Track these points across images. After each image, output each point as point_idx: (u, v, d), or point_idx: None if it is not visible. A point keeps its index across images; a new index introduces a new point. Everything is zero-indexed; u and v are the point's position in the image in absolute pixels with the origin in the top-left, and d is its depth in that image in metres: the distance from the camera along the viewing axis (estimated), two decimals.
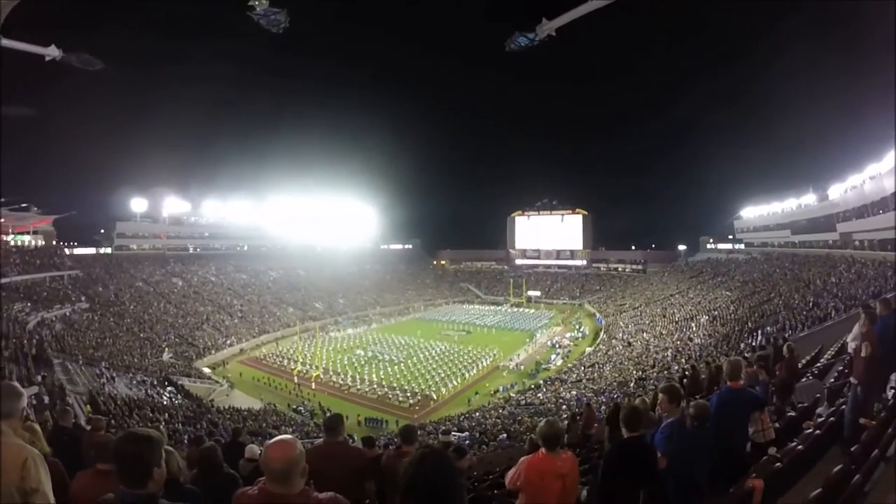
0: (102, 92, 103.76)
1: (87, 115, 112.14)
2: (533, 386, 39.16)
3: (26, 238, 58.34)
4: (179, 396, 32.00)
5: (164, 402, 29.34)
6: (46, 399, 21.11)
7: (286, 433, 23.08)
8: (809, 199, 60.36)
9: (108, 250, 67.76)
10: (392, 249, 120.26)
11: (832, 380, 10.40)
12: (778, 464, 4.54)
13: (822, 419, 6.28)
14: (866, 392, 5.65)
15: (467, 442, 20.13)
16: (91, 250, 66.47)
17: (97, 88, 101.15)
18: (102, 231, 72.25)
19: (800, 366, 12.49)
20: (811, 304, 34.75)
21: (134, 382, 32.75)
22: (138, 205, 71.87)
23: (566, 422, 12.84)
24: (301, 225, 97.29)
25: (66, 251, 60.66)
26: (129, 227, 71.79)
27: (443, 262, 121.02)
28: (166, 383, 34.27)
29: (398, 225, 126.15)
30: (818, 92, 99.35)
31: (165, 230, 76.75)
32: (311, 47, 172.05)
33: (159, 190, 74.90)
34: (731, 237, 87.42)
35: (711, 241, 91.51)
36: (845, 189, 49.63)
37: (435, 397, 36.96)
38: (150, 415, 23.96)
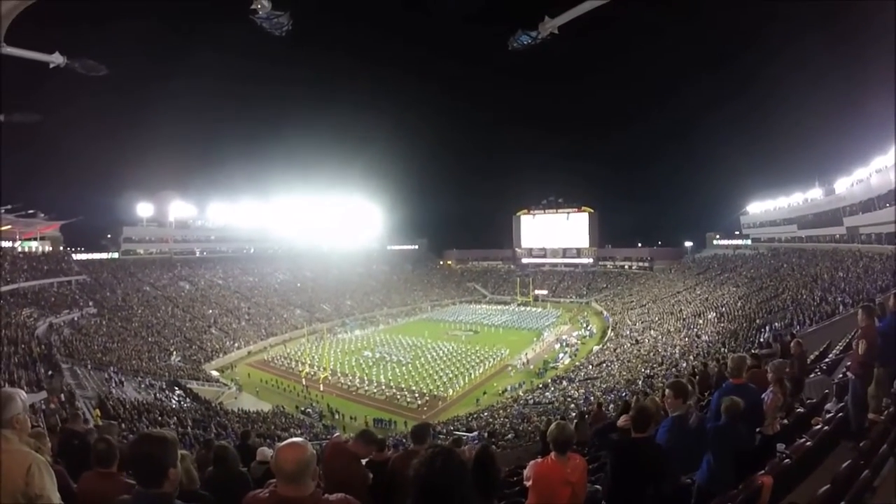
0: (106, 95, 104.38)
1: (92, 119, 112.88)
2: (541, 385, 39.13)
3: (33, 244, 58.57)
4: (188, 399, 32.13)
5: (173, 406, 29.46)
6: (55, 404, 21.25)
7: (295, 435, 23.25)
8: (815, 193, 60.04)
9: (115, 255, 68.29)
10: (399, 250, 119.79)
11: (840, 375, 10.31)
12: (787, 460, 4.53)
13: (831, 415, 6.26)
14: (863, 386, 5.72)
15: (476, 442, 20.10)
16: (98, 255, 66.83)
17: (101, 92, 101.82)
18: (109, 236, 72.93)
19: (808, 361, 12.43)
20: (819, 299, 34.43)
21: (142, 386, 32.89)
22: (144, 209, 72.56)
23: (575, 420, 12.79)
24: (307, 226, 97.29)
25: (74, 256, 60.90)
26: (135, 232, 72.33)
27: (449, 262, 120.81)
28: (175, 387, 34.39)
29: (404, 225, 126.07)
30: (822, 85, 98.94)
31: (172, 234, 77.15)
32: (315, 48, 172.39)
33: (165, 194, 75.47)
34: (737, 233, 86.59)
35: (718, 236, 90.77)
36: (851, 183, 49.32)
37: (443, 397, 37.01)
38: (159, 418, 24.05)
